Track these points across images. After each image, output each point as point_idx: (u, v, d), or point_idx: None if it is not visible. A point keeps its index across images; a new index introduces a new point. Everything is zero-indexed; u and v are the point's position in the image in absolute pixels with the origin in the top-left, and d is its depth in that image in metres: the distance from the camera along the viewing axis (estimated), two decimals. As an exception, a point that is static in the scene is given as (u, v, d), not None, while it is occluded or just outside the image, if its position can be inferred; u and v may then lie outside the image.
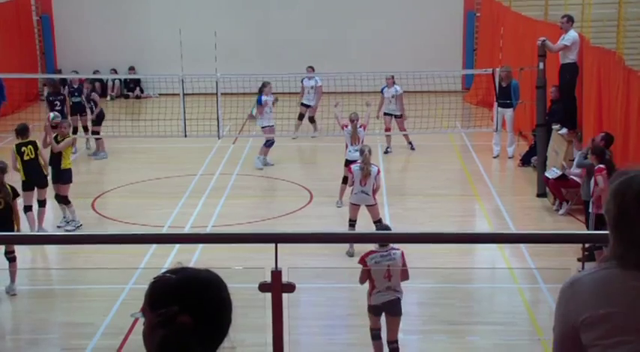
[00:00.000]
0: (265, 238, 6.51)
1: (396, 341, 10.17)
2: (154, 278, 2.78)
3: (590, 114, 16.27)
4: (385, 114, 21.10)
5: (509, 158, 20.24)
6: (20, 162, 15.12)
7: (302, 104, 22.63)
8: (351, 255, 13.45)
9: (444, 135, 21.91)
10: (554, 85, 18.01)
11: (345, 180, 15.76)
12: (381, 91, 21.35)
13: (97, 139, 21.12)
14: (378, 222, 13.77)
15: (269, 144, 19.78)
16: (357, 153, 16.19)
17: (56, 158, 15.57)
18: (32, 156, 15.17)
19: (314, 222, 15.39)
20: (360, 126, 16.84)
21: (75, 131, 21.82)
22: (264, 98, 19.60)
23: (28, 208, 15.17)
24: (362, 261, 10.25)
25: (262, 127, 19.91)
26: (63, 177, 15.58)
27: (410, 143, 21.00)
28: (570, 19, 17.59)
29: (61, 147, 15.56)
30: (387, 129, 20.91)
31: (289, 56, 27.94)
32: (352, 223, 14.05)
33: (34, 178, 15.20)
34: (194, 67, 21.72)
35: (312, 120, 22.48)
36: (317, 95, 22.51)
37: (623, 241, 2.93)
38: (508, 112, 19.81)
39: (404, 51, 28.06)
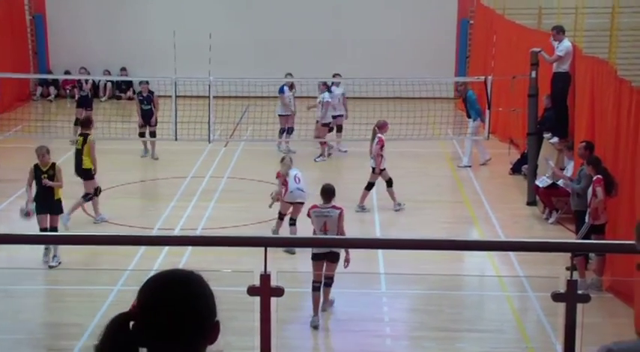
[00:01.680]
0: (255, 242, 6.49)
1: (332, 277, 11.77)
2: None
3: (582, 123, 16.30)
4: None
5: (467, 167, 20.29)
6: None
7: (333, 117, 21.46)
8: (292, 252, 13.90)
9: (434, 142, 21.92)
10: (547, 93, 18.05)
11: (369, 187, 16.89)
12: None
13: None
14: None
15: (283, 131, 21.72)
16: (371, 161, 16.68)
17: (49, 188, 14.26)
18: (79, 148, 16.13)
19: (303, 226, 15.35)
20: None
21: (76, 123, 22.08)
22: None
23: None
24: (308, 213, 12.33)
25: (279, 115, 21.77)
26: (55, 208, 14.43)
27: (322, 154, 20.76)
28: (561, 30, 17.67)
29: (55, 185, 14.32)
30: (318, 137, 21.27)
31: (283, 60, 27.92)
32: (292, 222, 14.76)
33: (76, 166, 16.17)
34: (187, 69, 21.71)
35: (340, 129, 21.73)
36: (344, 103, 21.63)
37: None
38: (470, 122, 20.12)
39: (397, 57, 28.09)
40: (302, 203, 14.46)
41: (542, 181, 16.48)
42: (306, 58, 27.85)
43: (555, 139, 17.45)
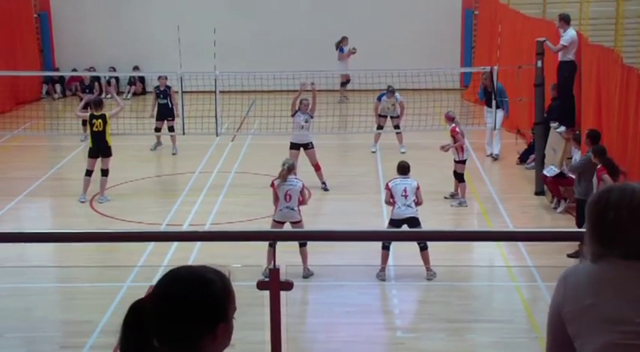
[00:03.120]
0: (263, 236, 6.51)
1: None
2: None
3: (589, 112, 16.28)
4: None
5: (495, 157, 20.30)
6: (90, 131, 17.24)
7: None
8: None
9: (441, 132, 21.86)
10: (554, 83, 18.01)
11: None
12: (379, 99, 21.04)
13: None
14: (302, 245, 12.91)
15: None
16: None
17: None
18: (100, 129, 16.98)
19: (312, 219, 15.37)
20: None
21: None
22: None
23: (88, 172, 17.07)
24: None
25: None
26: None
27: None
28: (564, 19, 17.62)
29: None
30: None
31: (288, 53, 27.95)
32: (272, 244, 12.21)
33: (99, 147, 17.01)
34: (193, 64, 21.71)
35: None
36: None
37: (603, 243, 3.29)
38: (499, 114, 19.96)
39: (402, 49, 28.05)
40: (296, 222, 13.09)
41: (549, 171, 16.46)
42: (310, 51, 27.83)
43: (562, 128, 17.42)
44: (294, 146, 17.87)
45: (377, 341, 11.22)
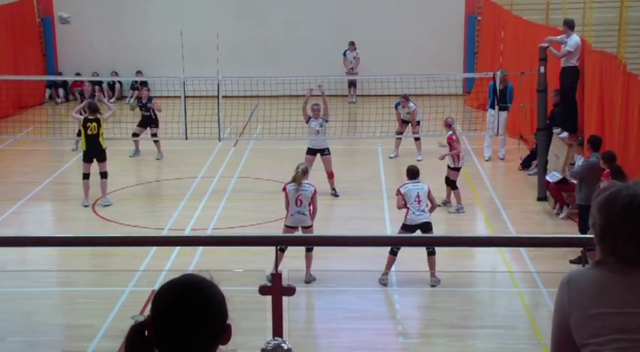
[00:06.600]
0: (265, 241, 6.49)
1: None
2: None
3: (592, 118, 16.26)
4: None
5: (501, 160, 20.35)
6: (84, 134, 17.09)
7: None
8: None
9: (442, 138, 21.85)
10: (556, 88, 18.00)
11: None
12: (395, 107, 21.07)
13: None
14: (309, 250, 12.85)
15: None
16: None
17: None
18: (94, 132, 16.95)
19: (315, 224, 15.35)
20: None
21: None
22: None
23: (85, 176, 17.07)
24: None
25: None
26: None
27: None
28: (568, 24, 17.61)
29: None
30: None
31: (291, 58, 27.94)
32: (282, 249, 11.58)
33: (93, 151, 17.01)
34: (196, 69, 21.72)
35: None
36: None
37: (609, 250, 3.19)
38: (503, 115, 19.83)
39: (405, 54, 28.05)
40: (307, 227, 13.15)
41: (552, 176, 16.44)
42: (313, 56, 27.85)
43: (565, 134, 17.41)
44: (311, 151, 17.83)
45: (379, 347, 11.20)
